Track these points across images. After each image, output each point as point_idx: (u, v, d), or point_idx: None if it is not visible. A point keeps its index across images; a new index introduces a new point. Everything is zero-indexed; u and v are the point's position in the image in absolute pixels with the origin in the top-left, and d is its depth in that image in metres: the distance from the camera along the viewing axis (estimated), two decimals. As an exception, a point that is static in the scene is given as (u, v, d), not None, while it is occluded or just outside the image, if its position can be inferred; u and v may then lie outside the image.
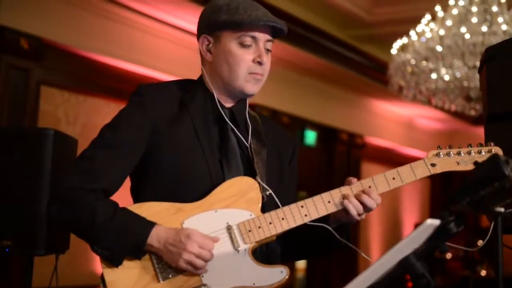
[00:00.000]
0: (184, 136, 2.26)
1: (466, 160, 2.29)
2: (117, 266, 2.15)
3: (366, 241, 12.18)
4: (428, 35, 7.58)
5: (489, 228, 2.05)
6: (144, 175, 2.27)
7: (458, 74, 7.76)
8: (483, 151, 2.30)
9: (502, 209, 1.85)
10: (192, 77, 2.44)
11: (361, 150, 11.93)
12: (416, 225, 13.03)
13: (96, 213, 2.13)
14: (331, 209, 2.25)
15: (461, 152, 2.30)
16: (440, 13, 7.50)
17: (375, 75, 10.28)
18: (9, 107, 6.40)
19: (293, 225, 2.23)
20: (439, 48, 7.45)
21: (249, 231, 2.20)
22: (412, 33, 7.79)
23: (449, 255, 11.59)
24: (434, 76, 7.91)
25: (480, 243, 2.26)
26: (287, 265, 2.22)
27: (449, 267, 11.65)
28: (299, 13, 8.67)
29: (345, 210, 2.24)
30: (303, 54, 9.15)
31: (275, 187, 2.31)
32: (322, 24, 9.24)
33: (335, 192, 2.26)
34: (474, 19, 7.21)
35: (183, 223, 2.18)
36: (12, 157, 3.18)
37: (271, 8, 2.56)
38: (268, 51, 2.33)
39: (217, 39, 2.31)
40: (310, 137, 10.74)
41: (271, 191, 2.27)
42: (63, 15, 6.84)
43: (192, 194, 2.22)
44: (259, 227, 2.20)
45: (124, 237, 2.12)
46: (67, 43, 6.94)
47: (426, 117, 13.06)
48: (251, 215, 2.22)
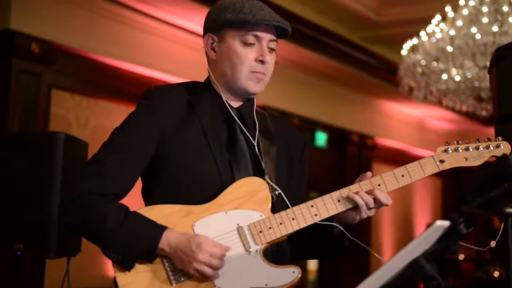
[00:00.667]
0: (193, 138, 2.27)
1: (474, 156, 2.28)
2: (129, 270, 2.15)
3: (378, 241, 12.16)
4: (439, 35, 7.55)
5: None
6: (154, 178, 2.28)
7: (469, 75, 7.72)
8: (491, 146, 2.28)
9: (512, 210, 1.84)
10: (201, 79, 2.44)
11: (372, 151, 11.91)
12: (428, 225, 12.98)
13: (107, 218, 2.13)
14: (341, 208, 2.24)
15: (470, 148, 2.28)
16: (450, 13, 7.47)
17: (385, 76, 10.26)
18: (20, 111, 6.43)
19: (303, 225, 2.22)
20: (449, 48, 7.42)
21: (260, 232, 2.19)
22: (423, 33, 7.76)
23: (461, 256, 11.55)
24: (444, 76, 7.88)
25: (492, 244, 2.24)
26: (298, 265, 2.21)
27: (462, 268, 11.61)
28: (309, 15, 8.68)
29: (353, 209, 2.23)
30: (313, 56, 9.15)
31: (285, 186, 2.30)
32: (332, 25, 9.24)
33: (344, 191, 2.25)
34: (485, 19, 7.17)
35: (194, 225, 2.18)
36: (24, 161, 3.19)
37: (281, 10, 2.57)
38: (272, 50, 2.33)
39: (221, 38, 2.32)
40: (321, 138, 10.74)
41: (280, 191, 2.27)
42: (73, 19, 6.87)
43: (202, 196, 2.22)
44: (270, 227, 2.20)
45: (135, 241, 2.12)
46: (78, 46, 6.98)
47: (437, 117, 13.02)
48: (261, 215, 2.21)
